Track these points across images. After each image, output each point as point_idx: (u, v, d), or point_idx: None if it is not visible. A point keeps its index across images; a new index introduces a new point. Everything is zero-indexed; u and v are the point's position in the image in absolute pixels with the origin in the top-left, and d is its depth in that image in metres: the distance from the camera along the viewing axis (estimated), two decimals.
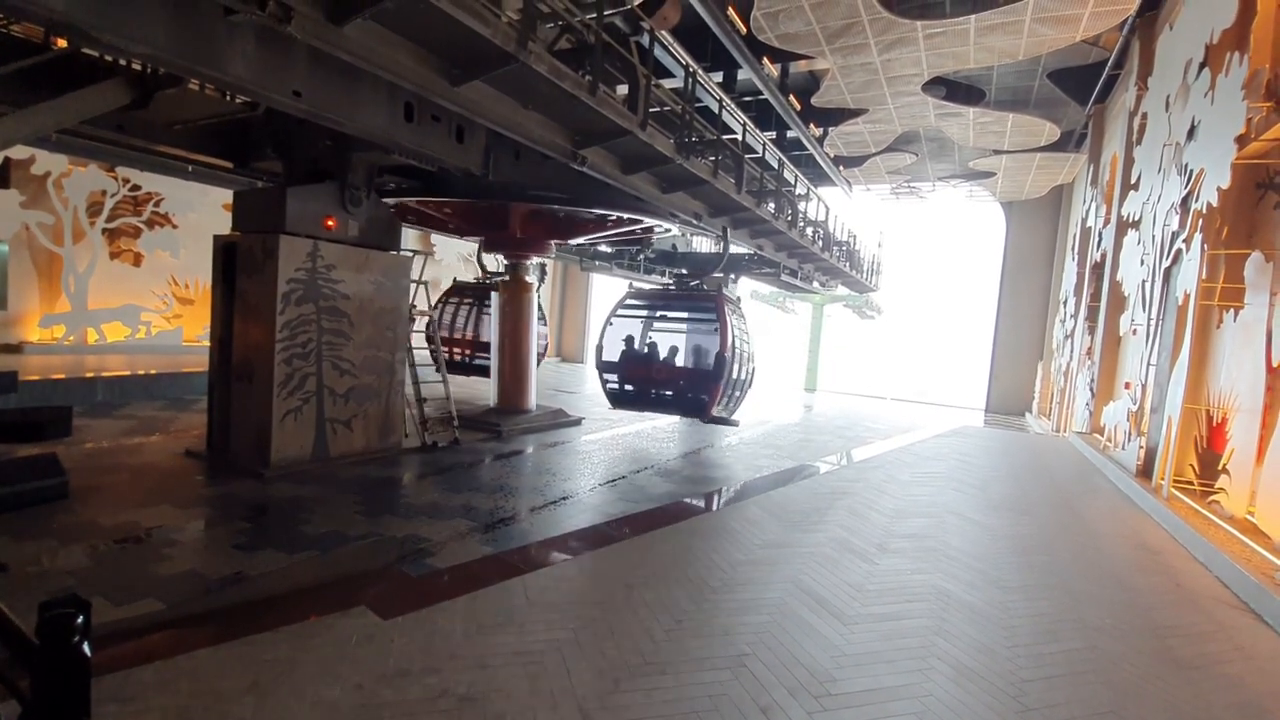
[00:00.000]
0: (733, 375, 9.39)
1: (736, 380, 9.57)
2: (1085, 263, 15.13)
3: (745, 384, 9.91)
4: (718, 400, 9.20)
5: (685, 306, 10.30)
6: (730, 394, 9.54)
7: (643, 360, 10.32)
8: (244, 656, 3.20)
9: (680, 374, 10.17)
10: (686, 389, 9.84)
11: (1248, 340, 6.93)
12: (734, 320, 9.52)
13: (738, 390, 9.77)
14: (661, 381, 10.03)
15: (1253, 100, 6.74)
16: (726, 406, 9.67)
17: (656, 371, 10.10)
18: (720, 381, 9.10)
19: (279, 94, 5.02)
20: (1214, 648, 4.17)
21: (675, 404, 9.96)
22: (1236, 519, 6.58)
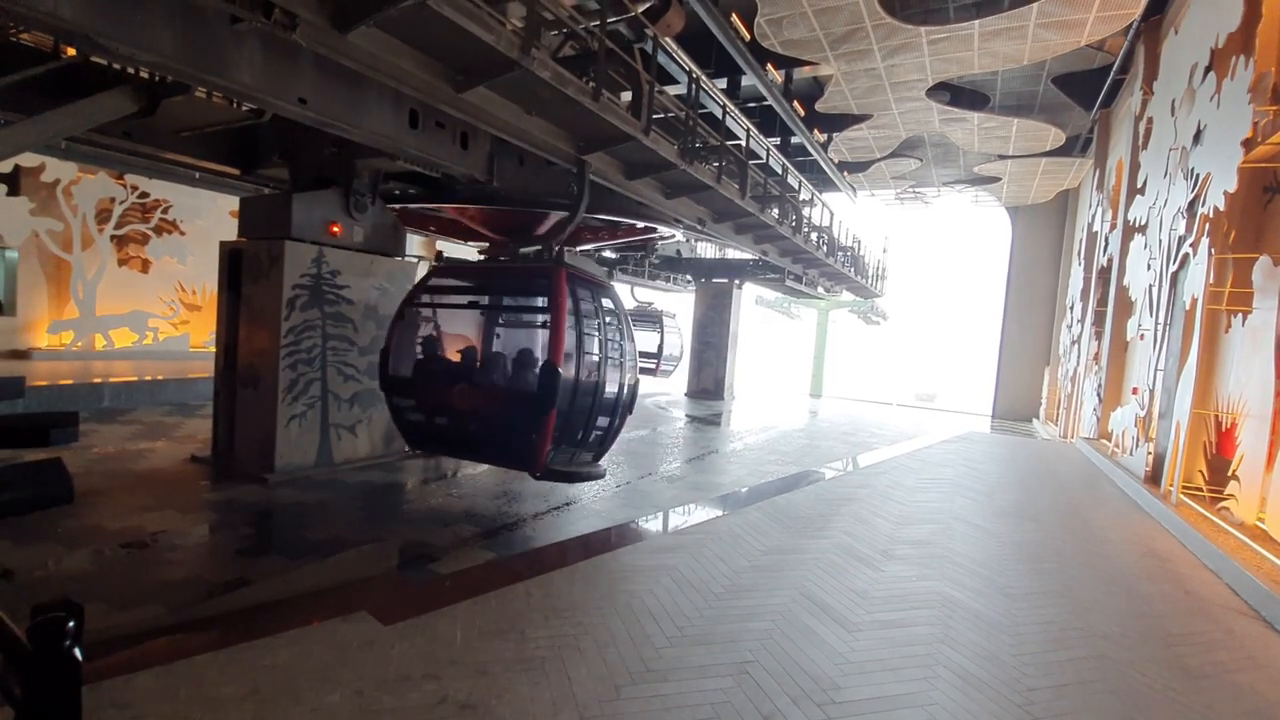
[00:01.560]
0: (587, 400, 6.01)
1: (595, 407, 6.09)
2: (1092, 268, 15.05)
3: (617, 411, 6.43)
4: (551, 442, 5.63)
5: (513, 289, 6.96)
6: (585, 431, 6.10)
7: (444, 376, 6.44)
8: (244, 662, 3.19)
9: (493, 399, 6.25)
10: (501, 424, 5.98)
11: (1256, 345, 6.87)
12: (593, 308, 6.12)
13: (601, 423, 6.32)
14: (468, 413, 6.14)
15: (1259, 104, 6.71)
16: (577, 452, 6.18)
17: (460, 396, 6.16)
18: (548, 412, 5.48)
19: (285, 101, 5.06)
20: (1224, 656, 4.11)
21: (487, 448, 6.16)
22: (1247, 525, 6.51)
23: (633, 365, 6.62)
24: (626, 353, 6.55)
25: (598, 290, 6.34)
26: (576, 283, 6.00)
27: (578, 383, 5.83)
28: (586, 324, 5.97)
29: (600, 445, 6.49)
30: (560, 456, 5.99)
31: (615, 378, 6.39)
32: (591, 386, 6.01)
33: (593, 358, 6.02)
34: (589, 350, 5.96)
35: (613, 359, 6.35)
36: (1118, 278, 12.00)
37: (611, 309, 6.46)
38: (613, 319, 6.47)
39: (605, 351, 6.20)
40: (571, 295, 5.80)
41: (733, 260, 19.30)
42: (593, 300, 6.20)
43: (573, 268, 6.00)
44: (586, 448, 6.33)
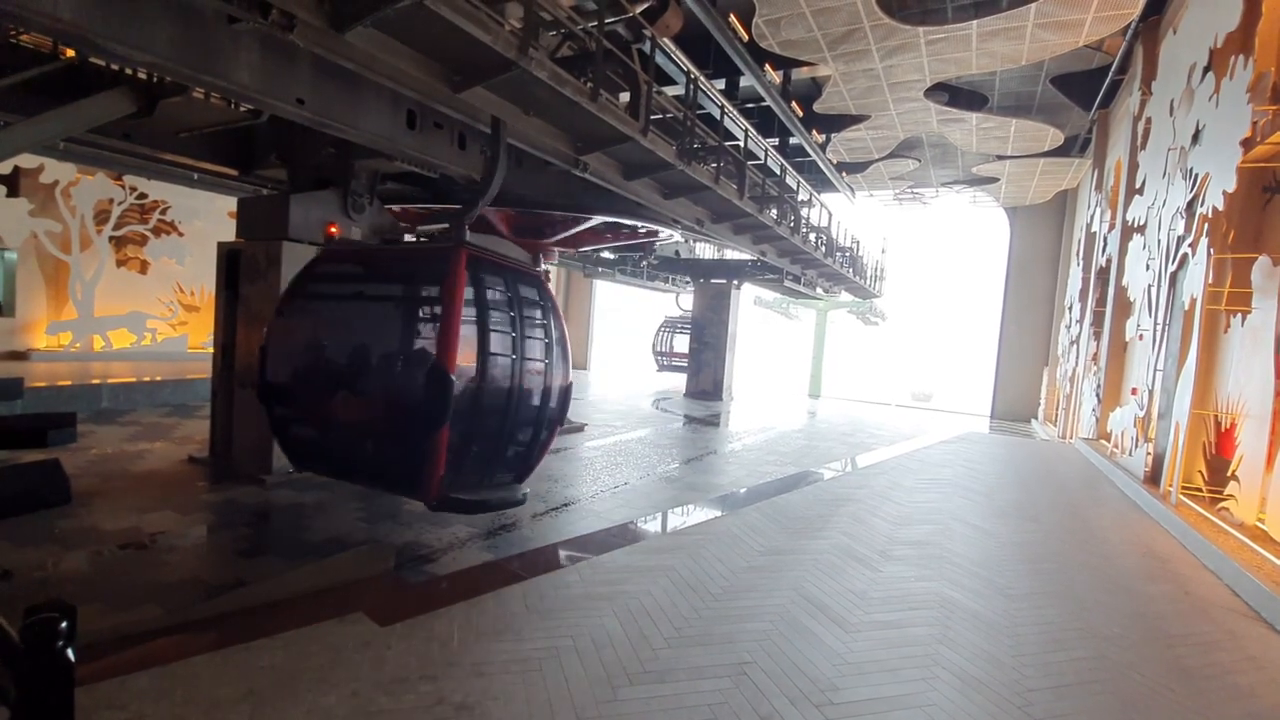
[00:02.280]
0: (499, 411, 4.98)
1: (512, 418, 5.10)
2: (1090, 268, 15.06)
3: (542, 422, 5.44)
4: (443, 465, 4.50)
5: (407, 276, 5.68)
6: (498, 448, 5.18)
7: (324, 383, 5.39)
8: (241, 663, 3.18)
9: (374, 412, 5.22)
10: (384, 442, 5.07)
11: (1256, 345, 6.87)
12: (507, 299, 5.15)
13: (521, 437, 5.38)
14: (349, 427, 5.26)
15: (1258, 103, 6.71)
16: (490, 473, 5.20)
17: (340, 407, 5.25)
18: (437, 427, 4.43)
19: (283, 102, 5.05)
20: (1224, 657, 4.11)
21: (371, 470, 5.15)
22: (1246, 526, 6.50)
23: (563, 368, 5.60)
24: (554, 353, 5.49)
25: (516, 277, 5.33)
26: (483, 268, 5.00)
27: (484, 390, 4.79)
28: (497, 318, 4.99)
29: (522, 464, 5.49)
30: (466, 480, 4.94)
31: (538, 383, 5.37)
32: (505, 394, 4.99)
33: (506, 359, 5.02)
34: (500, 350, 4.98)
35: (534, 360, 5.31)
36: (1116, 278, 12.00)
37: (536, 300, 5.45)
38: (537, 312, 5.48)
39: (524, 351, 5.16)
40: (474, 283, 4.85)
41: (731, 261, 19.30)
42: (508, 289, 5.18)
43: (478, 248, 5.00)
44: (502, 468, 5.32)
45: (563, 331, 5.64)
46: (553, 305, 5.60)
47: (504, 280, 5.18)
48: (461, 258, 4.70)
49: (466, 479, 4.94)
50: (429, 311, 5.30)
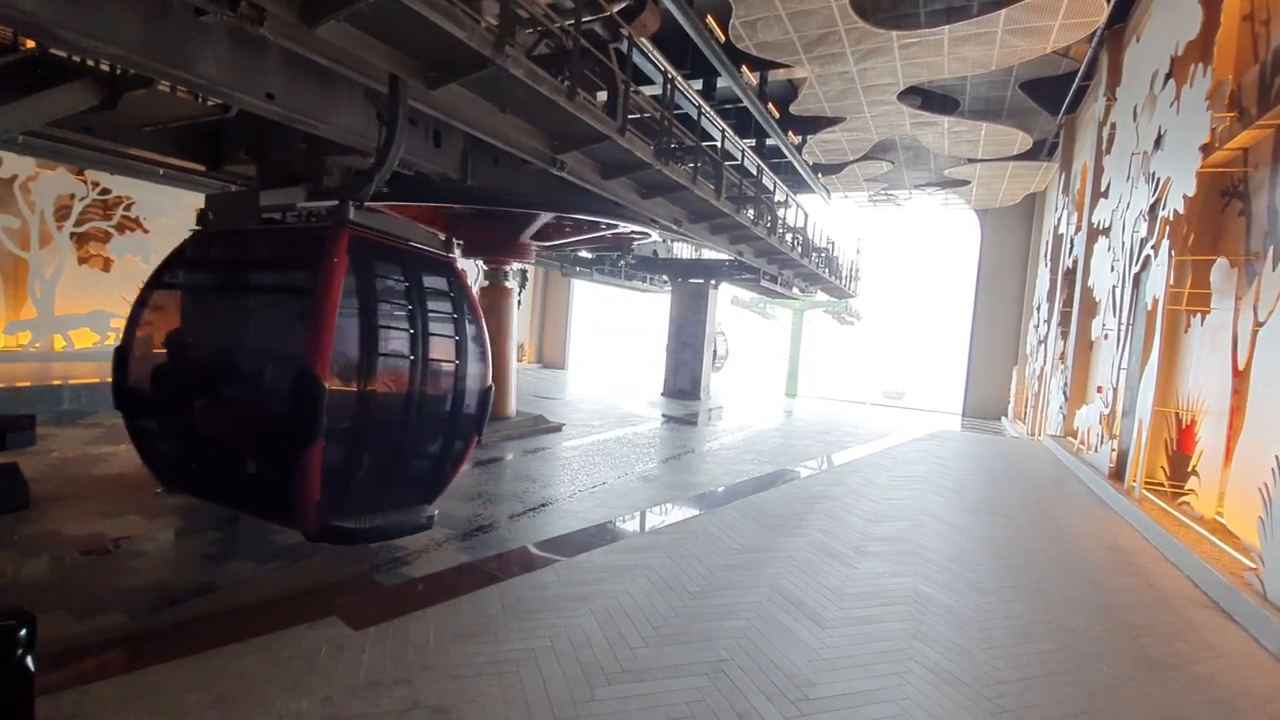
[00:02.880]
0: (396, 421, 4.45)
1: (414, 429, 4.55)
2: (1058, 269, 15.42)
3: (455, 432, 4.89)
4: (318, 489, 3.84)
5: (284, 262, 4.81)
6: (398, 464, 4.56)
7: (184, 390, 4.65)
8: (209, 670, 3.11)
9: (239, 425, 4.53)
10: (249, 461, 4.39)
11: (1214, 344, 7.10)
12: (404, 288, 4.58)
13: (430, 449, 4.84)
14: (213, 442, 4.54)
15: (1216, 110, 6.93)
16: (389, 494, 4.54)
17: (204, 418, 4.55)
18: (309, 443, 3.74)
19: (252, 96, 4.94)
20: (1185, 647, 4.23)
21: (239, 494, 4.47)
22: (1206, 519, 6.71)
23: (480, 368, 4.95)
24: (469, 352, 4.80)
25: (419, 264, 4.67)
26: (372, 252, 4.33)
27: (374, 398, 4.16)
28: (390, 312, 4.35)
29: (432, 481, 4.87)
30: (358, 503, 4.26)
31: (448, 386, 4.68)
32: (403, 402, 4.33)
33: (402, 361, 4.35)
34: (395, 350, 4.32)
35: (441, 361, 4.61)
36: (1082, 279, 12.30)
37: (444, 290, 4.77)
38: (446, 304, 4.77)
39: (427, 350, 4.48)
40: (360, 270, 4.17)
41: (709, 261, 19.39)
42: (406, 278, 4.52)
43: (366, 229, 4.29)
44: (406, 487, 4.63)
45: (481, 327, 4.99)
46: (467, 296, 4.91)
47: (402, 267, 4.55)
48: (341, 240, 4.05)
49: (357, 502, 4.25)
50: (303, 305, 4.22)
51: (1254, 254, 6.76)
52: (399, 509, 4.54)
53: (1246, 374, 6.42)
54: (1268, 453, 5.46)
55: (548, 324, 28.97)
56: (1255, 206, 6.95)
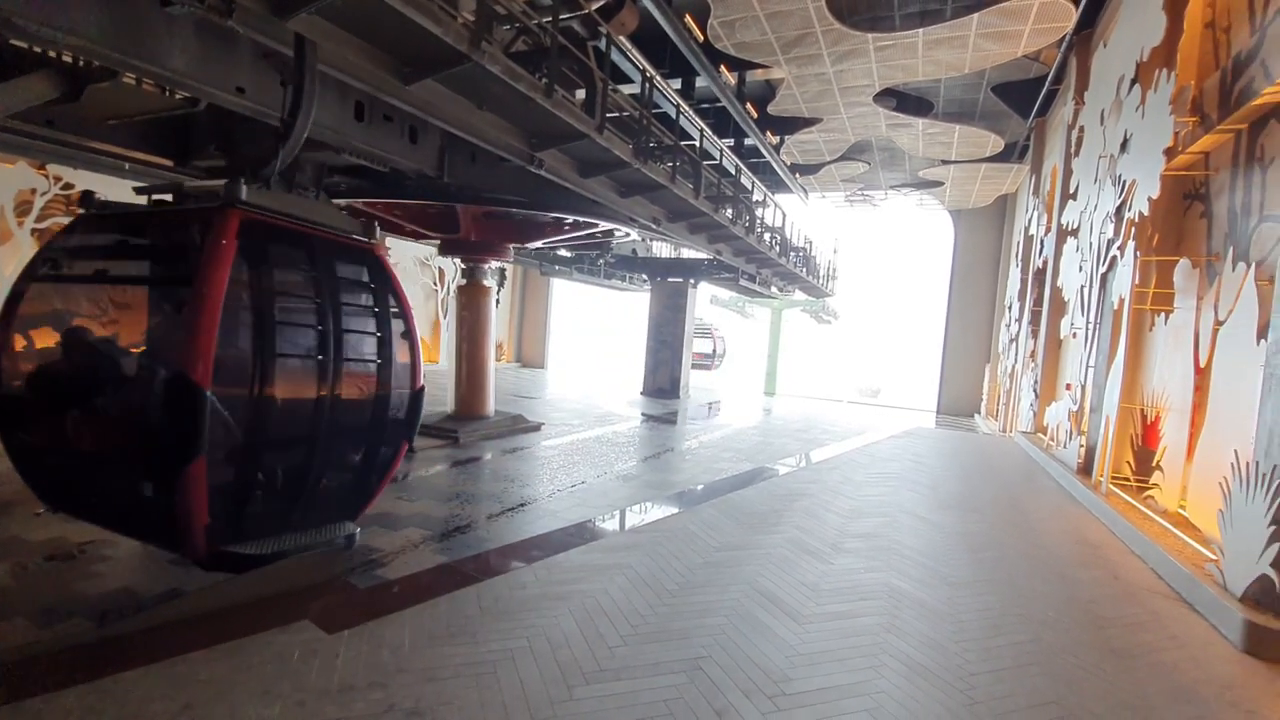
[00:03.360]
0: (305, 432, 3.99)
1: (327, 440, 4.06)
2: (1028, 269, 15.73)
3: (382, 439, 4.47)
4: (206, 506, 3.39)
5: (165, 249, 4.19)
6: (302, 482, 4.06)
7: (58, 395, 4.06)
8: (177, 676, 3.04)
9: (114, 438, 3.99)
10: (128, 479, 3.82)
11: (1177, 343, 7.30)
12: (310, 279, 4.14)
13: (344, 462, 4.44)
14: (87, 456, 4.00)
15: (1179, 115, 7.12)
16: (301, 513, 4.08)
17: (76, 429, 4.02)
18: (189, 459, 3.27)
19: (221, 90, 4.83)
20: (1149, 637, 4.35)
21: (120, 515, 3.92)
22: (1169, 513, 6.90)
23: (409, 368, 4.49)
24: (395, 350, 4.35)
25: (332, 252, 4.19)
26: (270, 238, 3.84)
27: (273, 404, 3.72)
28: (294, 306, 3.93)
29: (354, 496, 4.41)
30: (264, 525, 3.86)
31: (369, 389, 4.24)
32: (310, 408, 3.89)
33: (309, 362, 3.91)
34: (300, 349, 3.89)
35: (360, 361, 4.19)
36: (1052, 279, 12.57)
37: (364, 281, 4.36)
38: (366, 297, 4.33)
39: (341, 349, 4.02)
40: (254, 259, 3.72)
41: (688, 260, 19.44)
42: (315, 267, 4.03)
43: (261, 211, 3.79)
44: (321, 504, 4.17)
45: (409, 322, 4.51)
46: (393, 288, 4.43)
47: (310, 255, 4.05)
48: (228, 224, 3.54)
49: (260, 524, 3.83)
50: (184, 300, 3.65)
51: (1214, 255, 6.96)
52: (313, 528, 4.10)
53: (1208, 372, 6.61)
54: (1227, 448, 5.63)
55: (527, 323, 28.81)
56: (1216, 209, 7.16)
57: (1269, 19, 5.99)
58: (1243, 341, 5.94)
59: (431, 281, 21.94)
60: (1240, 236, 6.50)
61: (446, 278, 21.94)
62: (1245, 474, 4.65)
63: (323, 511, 4.23)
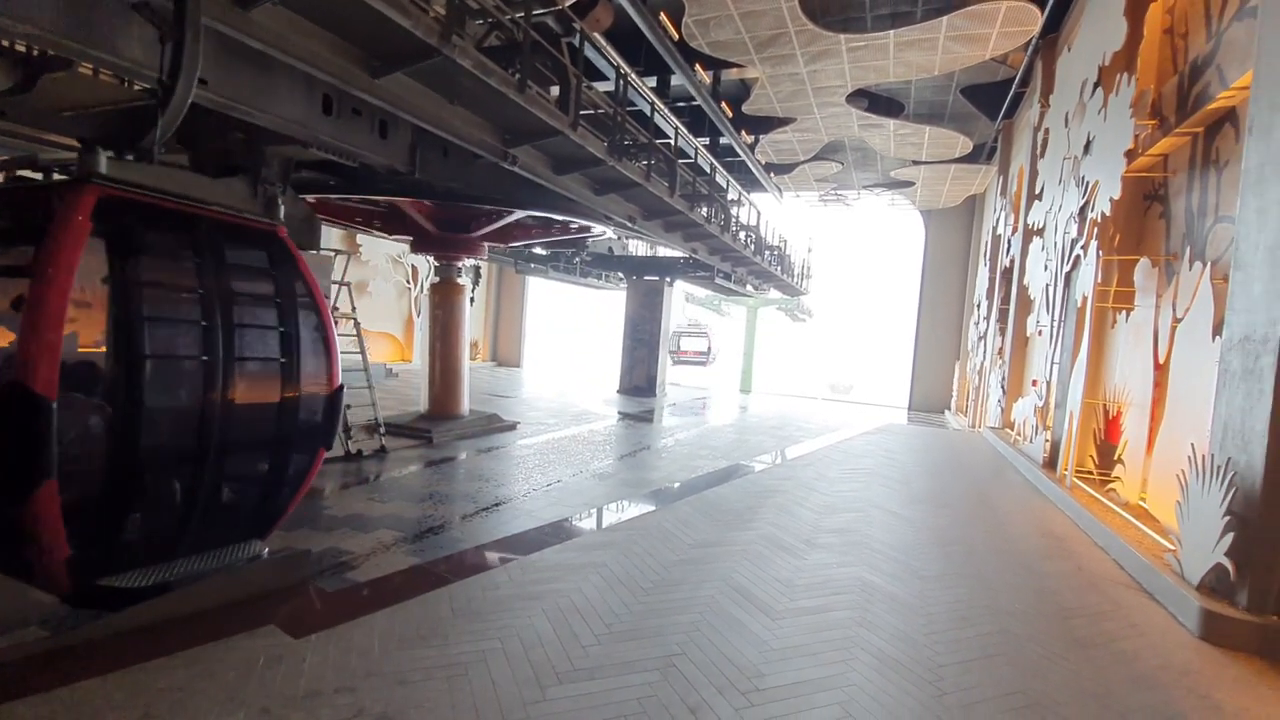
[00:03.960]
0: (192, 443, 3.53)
1: (216, 458, 3.60)
2: (996, 268, 16.06)
3: (288, 451, 4.03)
4: (62, 533, 2.99)
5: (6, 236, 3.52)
6: (193, 501, 3.60)
7: None
8: (135, 685, 2.95)
9: None
10: None
11: (1138, 340, 7.51)
12: (193, 267, 3.67)
13: (248, 475, 4.00)
14: None
15: (1140, 118, 7.32)
16: (197, 534, 3.72)
17: None
18: (34, 485, 2.83)
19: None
20: (1111, 626, 4.47)
21: None
22: (1130, 505, 7.10)
23: (323, 367, 4.06)
24: (305, 347, 3.90)
25: (218, 235, 3.69)
26: (141, 219, 3.34)
27: (145, 415, 3.23)
28: (170, 298, 3.48)
29: (260, 512, 3.99)
30: (147, 551, 3.46)
31: (273, 392, 3.79)
32: (196, 416, 3.46)
33: (187, 364, 3.48)
34: (178, 349, 3.48)
35: (260, 361, 3.76)
36: (1019, 277, 12.84)
37: (265, 269, 3.91)
38: (266, 286, 3.87)
39: (234, 348, 3.57)
40: (118, 243, 3.23)
41: (663, 258, 19.47)
42: (198, 252, 3.56)
43: (126, 186, 3.33)
44: (219, 523, 3.76)
45: (323, 314, 4.04)
46: (302, 275, 3.95)
47: (192, 239, 3.56)
48: (83, 202, 3.05)
49: (141, 551, 3.39)
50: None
51: (1173, 254, 7.18)
52: (211, 550, 3.73)
53: (1166, 368, 6.82)
54: (1185, 442, 5.81)
55: (502, 321, 28.59)
56: (1174, 209, 7.39)
57: (1224, 26, 6.19)
58: (1199, 338, 6.13)
59: (404, 279, 21.64)
60: (1197, 236, 6.71)
61: (420, 275, 21.66)
62: (1201, 467, 4.80)
63: (223, 531, 3.80)
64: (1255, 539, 4.28)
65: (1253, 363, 4.44)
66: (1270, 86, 4.56)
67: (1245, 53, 5.38)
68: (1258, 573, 4.29)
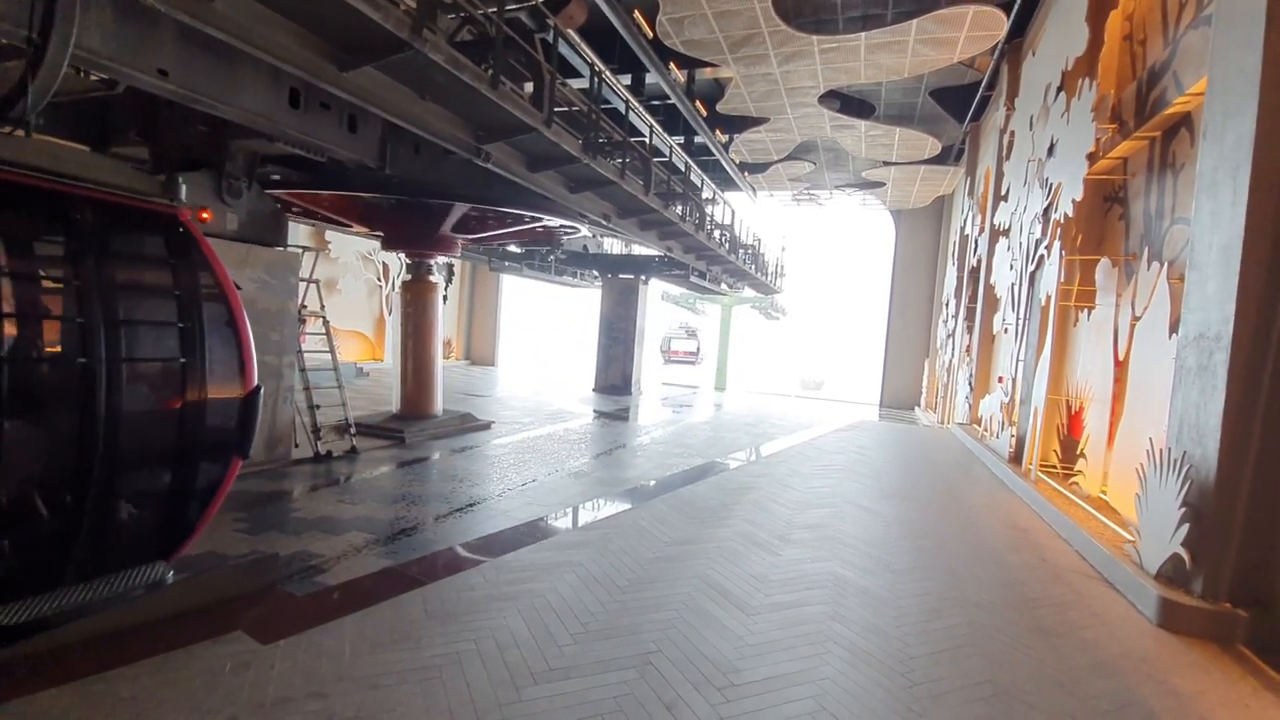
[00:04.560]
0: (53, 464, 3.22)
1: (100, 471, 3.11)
2: (964, 268, 16.39)
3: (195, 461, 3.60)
4: None
5: None
6: (77, 520, 3.13)
7: None
8: (94, 695, 2.85)
9: None
10: None
11: (1099, 337, 7.73)
12: (60, 256, 3.21)
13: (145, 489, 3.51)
14: None
15: (1100, 122, 7.53)
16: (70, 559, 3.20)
17: None
18: None
19: (142, 72, 4.55)
20: (1074, 615, 4.59)
21: None
22: (1092, 498, 7.30)
23: (233, 367, 3.61)
24: (211, 345, 3.50)
25: (102, 218, 3.25)
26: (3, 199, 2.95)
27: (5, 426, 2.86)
28: (29, 290, 3.21)
29: (165, 532, 3.55)
30: (25, 583, 3.08)
31: (171, 396, 3.40)
32: (74, 425, 3.10)
33: (54, 366, 3.22)
34: (39, 346, 3.20)
35: (152, 360, 3.38)
36: (986, 277, 13.13)
37: (159, 257, 3.48)
38: (160, 276, 3.47)
39: (115, 346, 3.15)
40: None
41: (639, 256, 19.47)
42: (73, 238, 3.14)
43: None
44: (114, 547, 3.34)
45: (233, 307, 3.60)
46: (209, 265, 3.52)
47: (67, 223, 3.13)
48: None
49: (14, 581, 3.04)
50: None
51: (1132, 255, 7.40)
52: (104, 576, 3.27)
53: (1126, 364, 7.03)
54: (1144, 436, 6.00)
55: (476, 320, 28.31)
56: (1133, 211, 7.61)
57: (1180, 33, 6.39)
58: (1157, 336, 6.34)
59: (375, 277, 21.30)
60: (1154, 237, 6.93)
61: (391, 273, 21.34)
62: (1159, 460, 4.96)
63: (118, 555, 3.32)
64: (1209, 529, 4.44)
65: (1207, 359, 4.60)
66: (1223, 93, 4.73)
67: (1200, 60, 5.57)
68: (1211, 562, 4.45)
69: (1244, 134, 4.41)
